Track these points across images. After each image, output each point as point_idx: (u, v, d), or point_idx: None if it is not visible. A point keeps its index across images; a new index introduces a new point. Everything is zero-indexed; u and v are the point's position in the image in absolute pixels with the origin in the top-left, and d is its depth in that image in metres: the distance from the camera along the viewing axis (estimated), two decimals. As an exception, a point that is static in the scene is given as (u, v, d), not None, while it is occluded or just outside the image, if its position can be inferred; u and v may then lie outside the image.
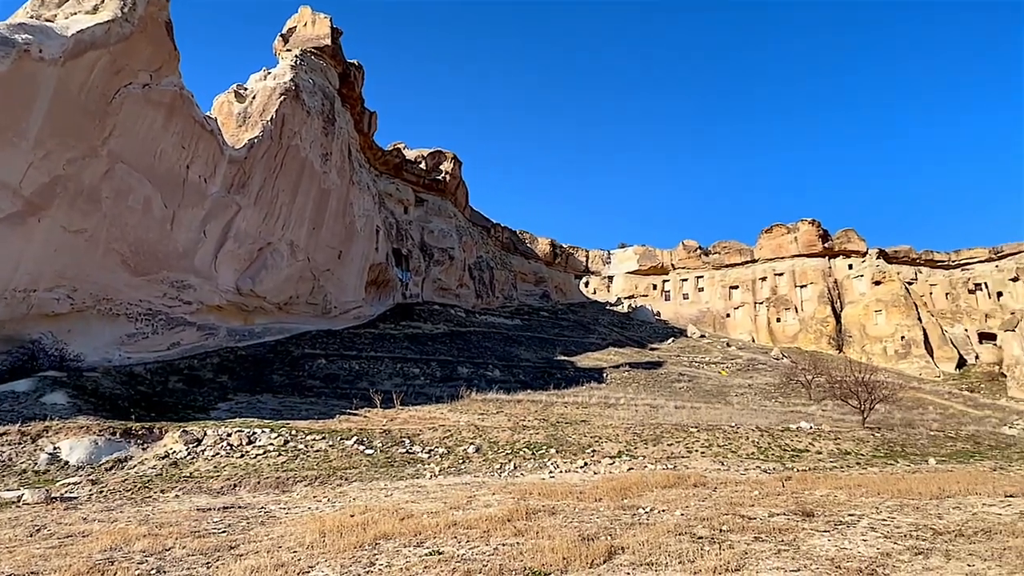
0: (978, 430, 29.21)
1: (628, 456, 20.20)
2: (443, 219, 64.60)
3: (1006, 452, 22.50)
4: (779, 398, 42.34)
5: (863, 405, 28.67)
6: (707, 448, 21.37)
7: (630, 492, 13.23)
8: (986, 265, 76.36)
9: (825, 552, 7.90)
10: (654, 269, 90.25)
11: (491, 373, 41.46)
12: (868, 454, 21.25)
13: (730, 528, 9.44)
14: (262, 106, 37.55)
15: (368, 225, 47.45)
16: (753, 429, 24.34)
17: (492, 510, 11.14)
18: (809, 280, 78.59)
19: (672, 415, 30.08)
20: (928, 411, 39.22)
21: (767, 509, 11.07)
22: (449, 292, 61.50)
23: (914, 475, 15.96)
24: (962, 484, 13.45)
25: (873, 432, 25.29)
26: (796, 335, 75.53)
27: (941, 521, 9.85)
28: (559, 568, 7.19)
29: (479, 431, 22.72)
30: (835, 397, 33.22)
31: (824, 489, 13.53)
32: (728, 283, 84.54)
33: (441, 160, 66.92)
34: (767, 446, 21.82)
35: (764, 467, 18.84)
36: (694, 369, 53.41)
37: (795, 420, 28.68)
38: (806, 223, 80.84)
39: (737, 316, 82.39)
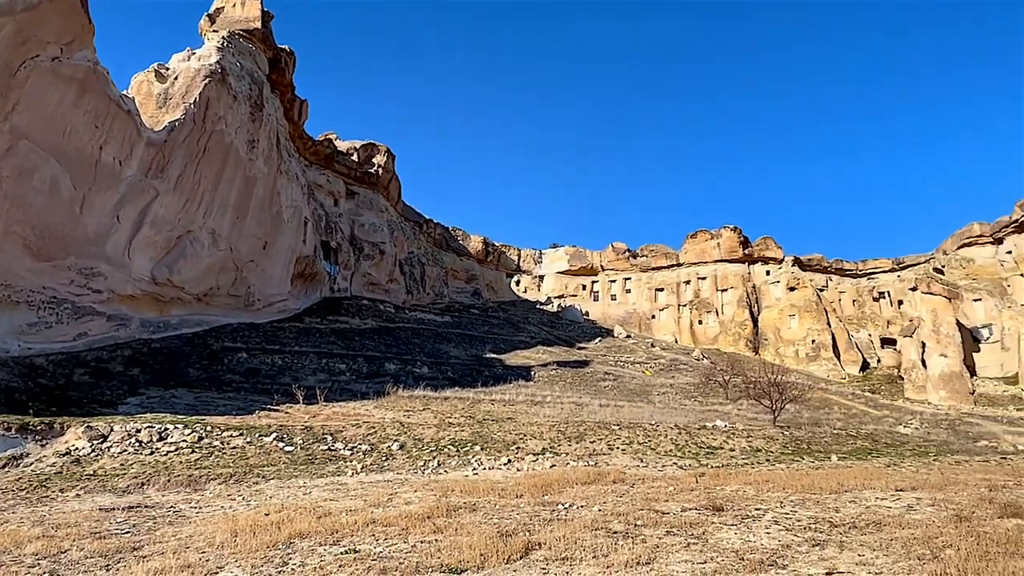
0: (876, 429, 31.21)
1: (552, 453, 20.51)
2: (374, 213, 63.59)
3: (899, 450, 24.16)
4: (698, 397, 43.90)
5: (774, 405, 30.11)
6: (628, 445, 21.95)
7: (551, 489, 13.46)
8: (889, 275, 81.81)
9: (731, 545, 8.27)
10: (584, 270, 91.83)
11: (419, 370, 41.18)
12: (777, 451, 22.37)
13: (644, 523, 9.74)
14: (185, 88, 35.91)
15: (296, 216, 46.18)
16: (672, 427, 25.17)
17: (413, 507, 11.10)
18: (730, 284, 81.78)
19: (596, 413, 30.68)
20: (833, 411, 41.60)
21: (680, 504, 11.49)
22: (379, 287, 60.63)
23: (817, 471, 16.92)
24: (859, 480, 14.35)
25: (783, 430, 26.62)
26: (716, 337, 78.46)
27: (838, 514, 10.48)
28: (476, 565, 7.25)
29: (404, 428, 22.55)
30: (749, 397, 34.77)
31: (735, 485, 14.15)
32: (654, 285, 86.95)
33: (374, 153, 65.82)
34: (684, 443, 22.62)
35: (681, 464, 19.53)
36: (619, 368, 54.68)
37: (712, 419, 29.82)
38: (728, 230, 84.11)
39: (662, 317, 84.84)
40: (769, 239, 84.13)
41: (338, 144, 61.90)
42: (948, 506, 10.79)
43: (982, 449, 25.73)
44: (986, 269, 74.26)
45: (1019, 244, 71.57)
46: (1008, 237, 73.49)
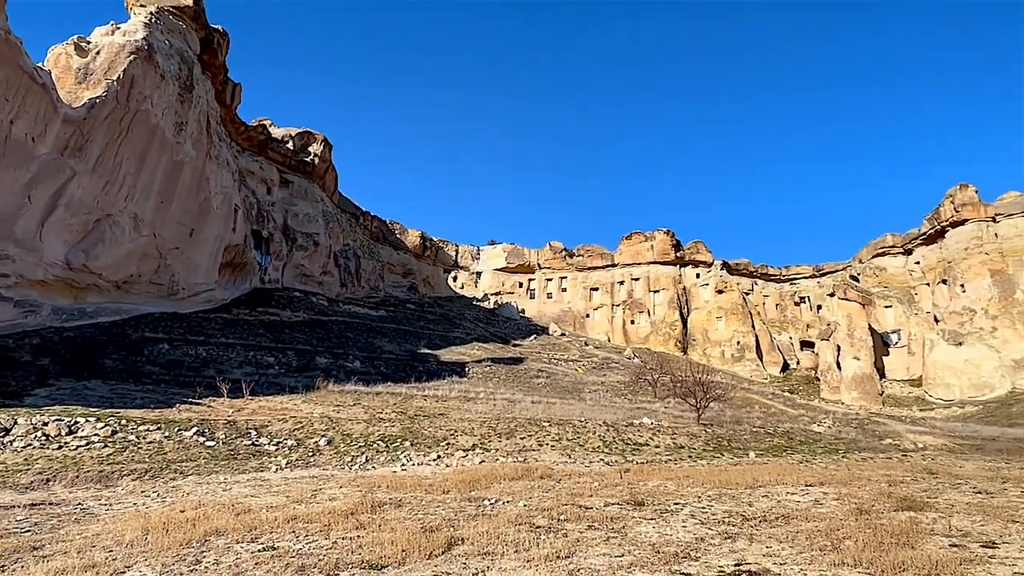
0: (792, 427, 32.75)
1: (482, 449, 20.60)
2: (309, 203, 62.06)
3: (812, 447, 25.45)
4: (628, 395, 44.93)
5: (699, 403, 31.17)
6: (557, 442, 22.27)
7: (479, 484, 13.53)
8: (810, 281, 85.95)
9: (648, 538, 8.53)
10: (521, 267, 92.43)
11: (351, 364, 40.54)
12: (699, 448, 23.17)
13: (567, 518, 9.93)
14: (108, 63, 34.06)
15: (226, 203, 44.58)
16: (601, 424, 25.69)
17: (337, 503, 10.95)
18: (662, 286, 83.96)
19: (528, 410, 30.97)
20: (754, 410, 43.37)
21: (604, 499, 11.76)
22: (312, 279, 59.26)
23: (735, 467, 17.63)
24: (773, 475, 15.04)
25: (706, 428, 27.58)
26: (648, 337, 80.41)
27: (751, 508, 10.95)
28: (397, 560, 7.23)
29: (333, 423, 22.17)
30: (676, 395, 35.87)
31: (657, 480, 14.58)
32: (590, 285, 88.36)
33: (310, 141, 64.20)
34: (612, 440, 23.13)
35: (607, 460, 19.96)
36: (553, 366, 55.31)
37: (640, 416, 30.60)
38: (662, 232, 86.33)
39: (596, 316, 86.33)
40: (700, 243, 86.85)
41: (273, 131, 60.09)
42: (851, 500, 11.44)
43: (886, 447, 27.38)
44: (897, 278, 78.96)
45: (927, 256, 76.41)
46: (917, 248, 78.37)
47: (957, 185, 73.04)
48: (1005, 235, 69.32)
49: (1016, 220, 69.56)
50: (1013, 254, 68.03)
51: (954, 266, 71.36)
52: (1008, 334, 64.88)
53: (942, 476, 15.08)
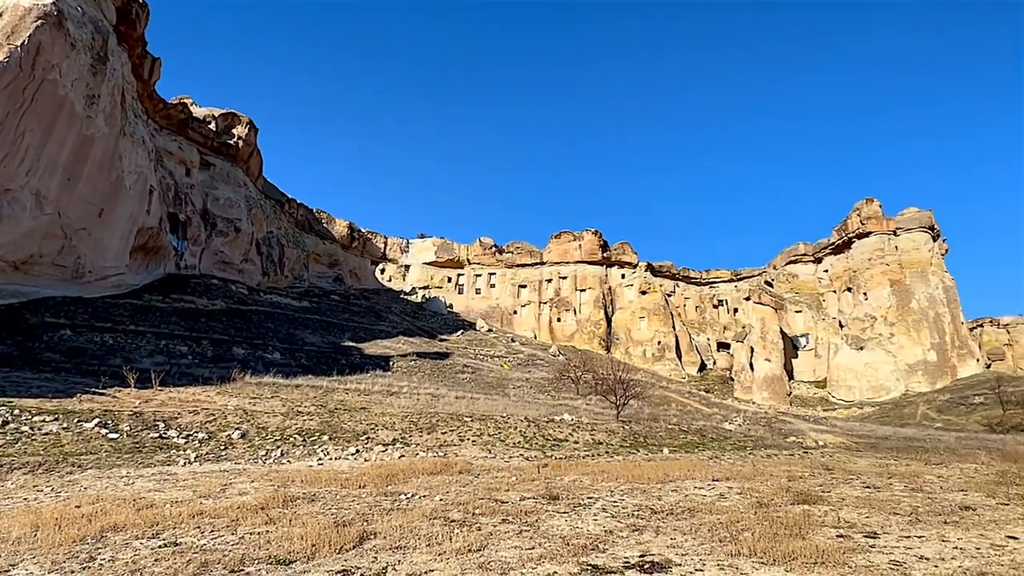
0: (705, 425, 34.10)
1: (402, 444, 20.46)
2: (231, 187, 59.68)
3: (723, 444, 26.61)
4: (551, 392, 45.59)
5: (618, 401, 31.99)
6: (479, 437, 22.38)
7: (396, 479, 13.45)
8: (728, 285, 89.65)
9: (560, 531, 8.72)
10: (450, 262, 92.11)
11: (271, 355, 39.36)
12: (617, 444, 23.81)
13: (483, 512, 10.02)
14: (11, 27, 31.63)
15: (140, 183, 42.30)
16: (523, 420, 25.98)
17: (247, 498, 10.66)
18: (588, 285, 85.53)
19: (452, 405, 30.95)
20: (671, 407, 44.89)
21: (520, 494, 11.93)
22: (231, 266, 57.07)
23: (649, 463, 18.21)
24: (683, 471, 15.64)
25: (624, 425, 28.35)
26: (573, 335, 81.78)
27: (660, 502, 11.36)
28: (305, 555, 7.12)
29: (248, 416, 21.49)
30: (598, 393, 36.70)
31: (573, 475, 14.90)
32: (518, 282, 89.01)
33: (235, 123, 61.73)
34: (533, 436, 23.44)
35: (527, 455, 20.22)
36: (478, 362, 55.45)
37: (562, 412, 31.12)
38: (590, 233, 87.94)
39: (523, 313, 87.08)
40: (626, 244, 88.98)
41: (194, 110, 57.39)
42: (753, 494, 12.04)
43: (790, 444, 28.94)
44: (807, 284, 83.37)
45: (834, 264, 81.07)
46: (826, 257, 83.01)
47: (864, 199, 77.79)
48: (904, 248, 74.36)
49: (914, 234, 74.75)
50: (911, 266, 73.10)
51: (858, 275, 76.04)
52: (904, 340, 69.74)
53: (837, 472, 16.07)
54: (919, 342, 69.20)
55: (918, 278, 72.30)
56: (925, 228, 74.82)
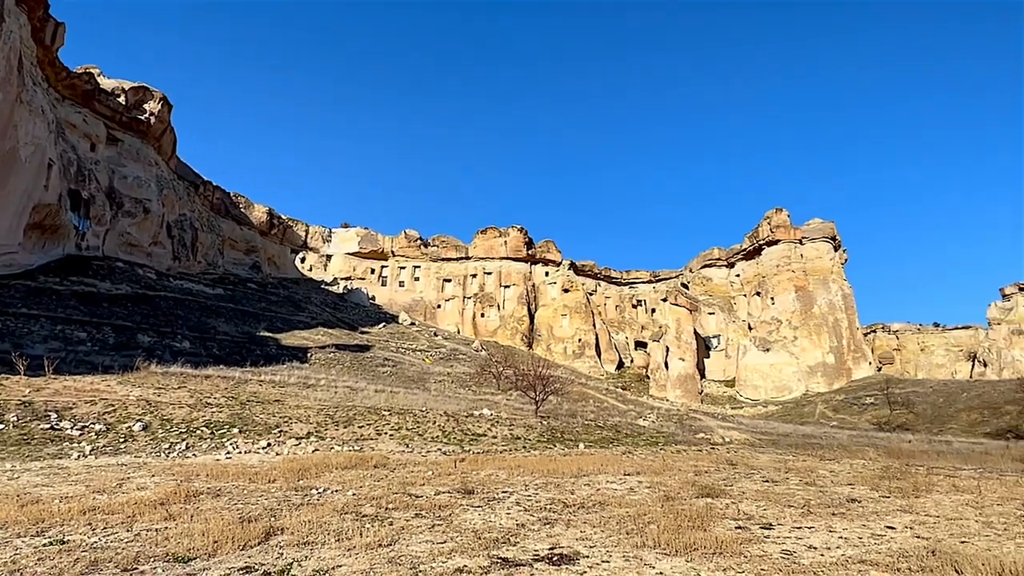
0: (621, 421, 35.08)
1: (316, 437, 19.99)
2: (141, 165, 56.39)
3: (636, 439, 27.45)
4: (472, 387, 45.65)
5: (538, 396, 32.42)
6: (396, 431, 22.15)
7: (308, 473, 13.13)
8: (647, 285, 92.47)
9: (472, 525, 8.75)
10: (374, 253, 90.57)
11: (179, 344, 37.54)
12: (534, 439, 24.12)
13: (396, 506, 9.93)
14: None
15: (37, 156, 39.32)
16: (442, 414, 25.90)
17: (145, 493, 10.14)
18: (513, 281, 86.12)
19: (371, 398, 30.49)
20: (589, 404, 45.87)
21: (435, 488, 11.90)
22: (139, 249, 53.97)
23: (565, 457, 18.54)
24: (597, 465, 16.02)
25: (543, 420, 28.76)
26: (496, 330, 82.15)
27: (573, 496, 11.59)
28: (207, 552, 6.85)
29: (152, 407, 20.42)
30: (518, 388, 37.04)
31: (490, 469, 14.99)
32: (443, 276, 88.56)
33: (147, 98, 58.29)
34: (451, 430, 23.42)
35: (445, 449, 20.18)
36: (400, 355, 54.82)
37: (482, 407, 31.24)
38: (516, 229, 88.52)
39: (447, 308, 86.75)
40: (550, 242, 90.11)
41: (102, 81, 53.82)
42: (661, 488, 12.47)
43: (699, 440, 30.17)
44: (720, 288, 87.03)
45: (745, 270, 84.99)
46: (738, 263, 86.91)
47: (774, 208, 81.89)
48: (809, 256, 78.81)
49: (818, 244, 79.34)
50: (814, 273, 77.58)
51: (767, 280, 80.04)
52: (806, 343, 73.99)
53: (740, 467, 16.88)
54: (819, 345, 73.62)
55: (820, 285, 76.87)
56: (828, 238, 79.60)
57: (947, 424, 49.82)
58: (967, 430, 47.05)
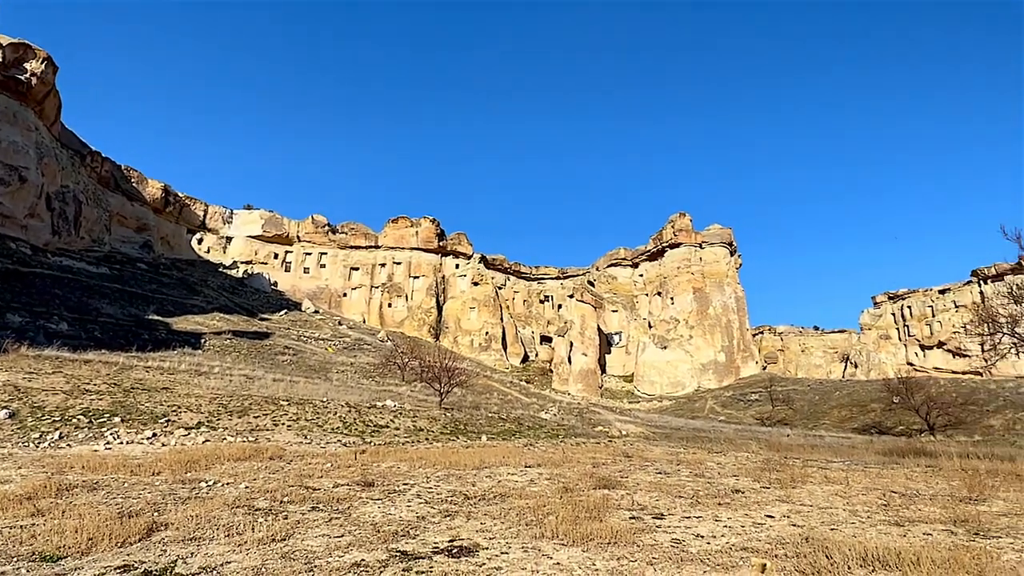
0: (524, 414, 35.58)
1: (208, 428, 19.05)
2: (18, 129, 51.38)
3: (538, 432, 27.95)
4: (377, 377, 44.92)
5: (443, 388, 32.34)
6: (295, 422, 21.47)
7: (197, 465, 12.50)
8: (555, 281, 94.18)
9: (371, 518, 8.63)
10: (279, 238, 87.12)
11: (56, 326, 34.66)
12: (437, 431, 24.05)
13: (292, 499, 9.64)
14: None
15: None
16: (343, 405, 25.34)
17: (10, 487, 9.31)
18: (422, 272, 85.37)
19: (268, 388, 29.36)
20: (493, 396, 46.23)
21: (334, 480, 11.63)
22: (13, 221, 49.25)
23: (467, 449, 18.61)
24: (499, 457, 16.18)
25: (446, 412, 28.72)
26: (403, 321, 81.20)
27: (474, 488, 11.66)
28: (80, 550, 6.38)
29: (20, 393, 18.76)
30: (423, 380, 36.80)
31: (391, 461, 14.82)
32: (350, 264, 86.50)
33: (27, 56, 53.10)
34: (352, 421, 22.96)
35: (345, 441, 19.76)
36: (302, 344, 53.13)
37: (385, 399, 30.79)
38: (427, 220, 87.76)
39: (353, 297, 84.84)
40: (462, 235, 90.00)
41: (-29, 32, 48.60)
42: (560, 480, 12.76)
43: (598, 433, 31.11)
44: (624, 286, 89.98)
45: (648, 270, 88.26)
46: (642, 263, 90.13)
47: (678, 212, 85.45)
48: (707, 259, 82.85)
49: (716, 248, 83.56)
50: (711, 276, 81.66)
51: (668, 281, 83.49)
52: (700, 342, 77.82)
53: (635, 459, 17.54)
54: (712, 344, 77.68)
55: (716, 287, 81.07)
56: (725, 243, 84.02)
57: (821, 420, 53.89)
58: (838, 425, 51.08)
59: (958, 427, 44.60)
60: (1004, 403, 49.40)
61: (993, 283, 76.04)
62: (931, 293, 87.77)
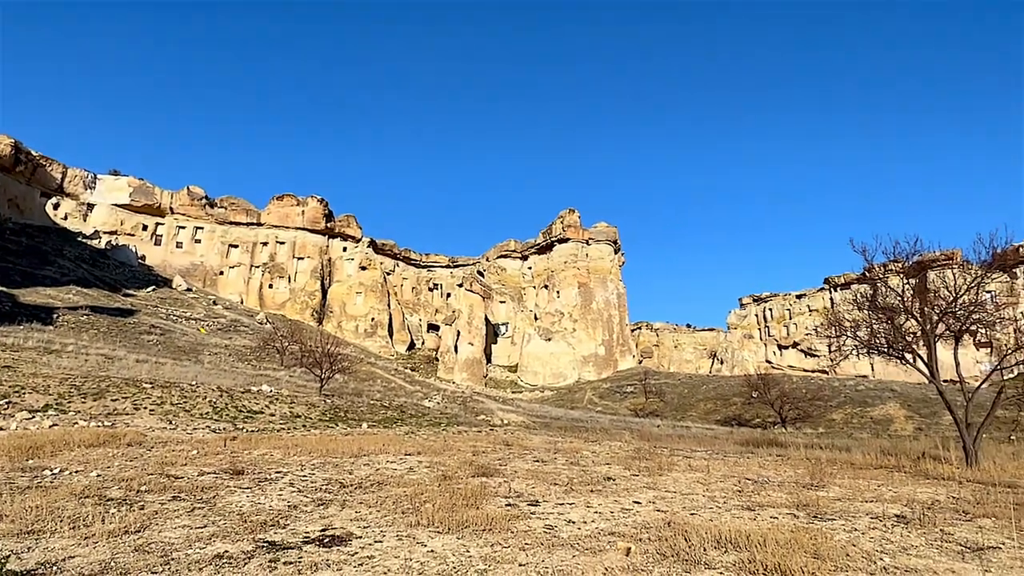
0: (407, 402, 35.31)
1: (57, 411, 17.41)
2: None
3: (420, 420, 27.83)
4: (253, 361, 42.90)
5: (324, 374, 31.43)
6: (159, 406, 20.08)
7: (42, 451, 11.41)
8: (445, 270, 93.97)
9: (239, 508, 8.25)
10: (149, 208, 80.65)
11: None
12: (316, 418, 23.35)
13: (150, 489, 9.03)
14: None
15: None
16: (215, 389, 24.01)
17: None
18: (307, 254, 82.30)
19: (131, 369, 27.29)
20: (376, 384, 45.51)
21: (199, 468, 11.02)
22: None
23: (346, 437, 18.20)
24: (379, 445, 15.96)
25: (326, 398, 27.94)
26: (285, 303, 78.01)
27: (351, 476, 11.43)
28: None
29: None
30: (303, 365, 35.57)
31: (264, 449, 14.23)
32: (229, 240, 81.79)
33: None
34: (224, 406, 21.80)
35: (215, 427, 18.74)
36: (171, 323, 49.74)
37: (261, 383, 29.50)
38: (315, 200, 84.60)
39: (231, 275, 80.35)
40: (351, 217, 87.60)
41: None
42: (440, 468, 12.79)
43: (480, 422, 31.45)
44: (512, 278, 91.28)
45: (537, 263, 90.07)
46: (531, 256, 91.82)
47: (567, 209, 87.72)
48: (593, 256, 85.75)
49: (601, 245, 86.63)
50: (596, 272, 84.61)
51: (555, 275, 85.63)
52: (583, 335, 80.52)
53: (514, 447, 17.90)
54: (594, 338, 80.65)
55: (600, 283, 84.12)
56: (610, 241, 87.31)
57: (689, 412, 57.49)
58: (704, 417, 54.70)
59: (806, 420, 49.09)
60: (845, 399, 54.92)
61: (842, 290, 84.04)
62: (790, 297, 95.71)
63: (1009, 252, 63.27)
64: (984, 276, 16.90)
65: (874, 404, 51.97)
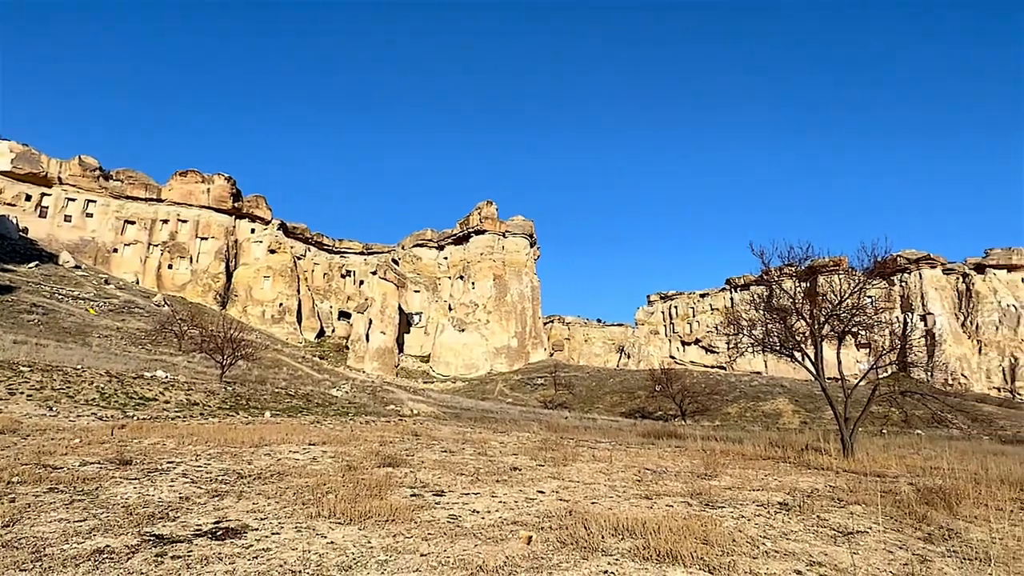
0: (313, 390, 34.38)
1: (-84, 395, 15.83)
2: None
3: (327, 409, 27.18)
4: (148, 345, 40.53)
5: (225, 360, 30.11)
6: (38, 391, 18.62)
7: None
8: (359, 257, 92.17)
9: (124, 500, 7.79)
10: (34, 177, 74.23)
11: None
12: (215, 405, 22.33)
13: (24, 479, 8.38)
14: None
15: None
16: (103, 374, 22.51)
17: None
18: (212, 234, 78.50)
19: (6, 351, 25.19)
20: (282, 371, 44.07)
21: (81, 458, 10.33)
22: None
23: (247, 426, 17.53)
24: (281, 434, 15.48)
25: (227, 386, 26.77)
26: (185, 285, 74.13)
27: (250, 466, 11.03)
28: None
29: None
30: (203, 350, 33.91)
31: (156, 437, 13.51)
32: (124, 216, 76.70)
33: None
34: (113, 392, 20.49)
35: (102, 414, 17.57)
36: (55, 302, 46.17)
37: (156, 369, 27.93)
38: (222, 178, 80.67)
39: (126, 253, 75.45)
40: (261, 198, 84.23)
41: None
42: (345, 458, 12.56)
43: (389, 412, 31.09)
44: (428, 267, 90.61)
45: (453, 254, 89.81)
46: (447, 246, 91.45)
47: (485, 200, 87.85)
48: (509, 249, 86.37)
49: (517, 239, 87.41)
50: (511, 265, 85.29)
51: (471, 266, 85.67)
52: (496, 327, 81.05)
53: (423, 437, 17.83)
54: (507, 330, 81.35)
55: (515, 276, 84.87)
56: (526, 235, 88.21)
57: (596, 404, 59.11)
58: (610, 409, 56.41)
59: (704, 413, 51.61)
60: (740, 394, 58.12)
61: (741, 291, 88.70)
62: (694, 296, 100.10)
63: (888, 261, 68.80)
64: (866, 282, 18.28)
65: (766, 399, 55.31)
